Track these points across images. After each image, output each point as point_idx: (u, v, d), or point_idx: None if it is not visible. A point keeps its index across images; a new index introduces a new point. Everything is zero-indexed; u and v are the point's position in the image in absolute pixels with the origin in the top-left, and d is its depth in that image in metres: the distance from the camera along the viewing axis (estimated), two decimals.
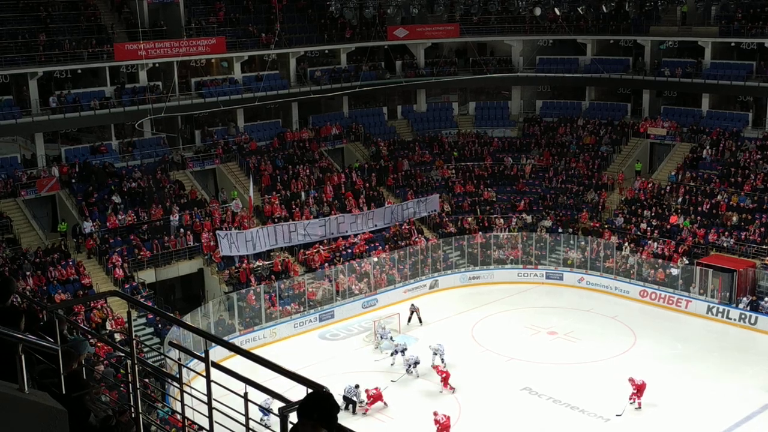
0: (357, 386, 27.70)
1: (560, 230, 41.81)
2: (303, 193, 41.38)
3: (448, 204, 43.79)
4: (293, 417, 4.56)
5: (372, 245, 39.90)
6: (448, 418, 25.43)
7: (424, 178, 45.13)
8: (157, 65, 42.24)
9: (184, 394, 5.96)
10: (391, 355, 31.55)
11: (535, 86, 52.01)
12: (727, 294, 35.56)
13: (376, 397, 27.60)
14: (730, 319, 34.94)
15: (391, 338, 32.93)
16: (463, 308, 37.22)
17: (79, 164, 38.51)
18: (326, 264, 37.97)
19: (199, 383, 5.55)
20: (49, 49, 39.19)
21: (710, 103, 46.22)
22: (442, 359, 30.62)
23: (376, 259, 38.90)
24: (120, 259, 34.44)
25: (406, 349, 31.28)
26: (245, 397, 5.38)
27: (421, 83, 49.82)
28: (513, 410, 27.68)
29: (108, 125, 41.40)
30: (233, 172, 42.12)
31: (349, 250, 39.13)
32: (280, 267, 37.01)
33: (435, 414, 25.48)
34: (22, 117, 37.77)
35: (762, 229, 37.58)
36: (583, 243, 40.44)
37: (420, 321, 35.61)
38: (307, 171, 43.06)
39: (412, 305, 35.85)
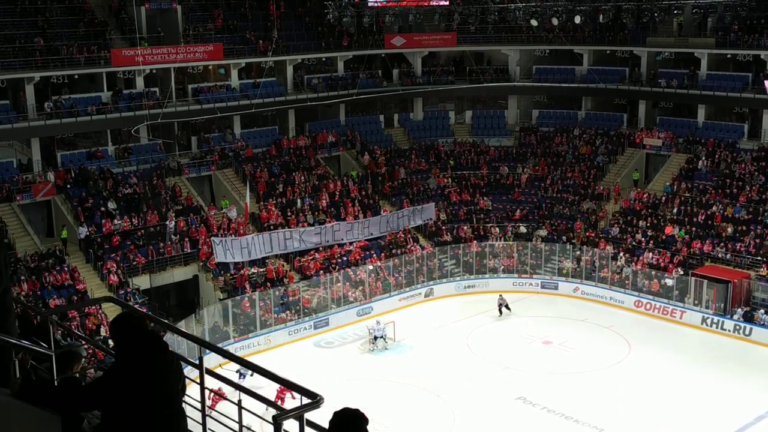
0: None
1: (555, 239, 41.84)
2: (299, 201, 41.37)
3: (444, 212, 43.79)
4: (287, 425, 4.55)
5: (367, 253, 39.87)
6: None
7: (420, 186, 45.15)
8: (154, 71, 42.25)
9: None
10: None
11: (532, 96, 52.11)
12: (722, 305, 35.58)
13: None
14: (725, 330, 34.96)
15: (384, 337, 33.66)
16: (458, 317, 37.20)
17: (74, 169, 38.48)
18: (321, 271, 37.93)
19: (193, 390, 5.54)
20: (46, 54, 39.18)
21: (706, 114, 46.33)
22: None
23: (371, 267, 38.87)
24: (115, 265, 34.38)
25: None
26: (239, 404, 5.37)
27: (418, 92, 49.92)
28: (507, 420, 27.62)
29: (104, 131, 41.38)
30: (229, 178, 42.09)
31: (345, 258, 39.11)
32: (274, 274, 36.98)
33: None
34: (19, 122, 37.73)
35: (757, 241, 37.65)
36: (578, 253, 40.47)
37: (509, 309, 37.06)
38: (303, 178, 43.06)
39: (501, 297, 37.12)
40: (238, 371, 24.76)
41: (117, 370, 4.36)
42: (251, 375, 24.69)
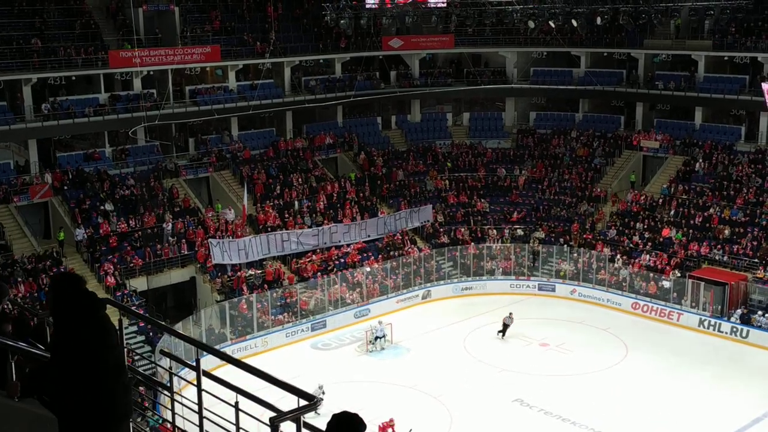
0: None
1: (552, 241, 41.84)
2: (296, 202, 41.35)
3: (441, 214, 43.79)
4: (284, 427, 4.54)
5: (365, 255, 39.85)
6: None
7: (417, 188, 45.14)
8: (151, 73, 42.22)
9: (175, 403, 5.93)
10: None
11: (529, 98, 52.13)
12: (719, 307, 35.62)
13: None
14: (722, 332, 34.98)
15: (383, 337, 33.76)
16: (456, 319, 37.17)
17: (71, 171, 38.44)
18: (319, 273, 37.90)
19: (190, 392, 5.53)
20: (43, 55, 39.15)
21: (703, 117, 46.38)
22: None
23: (368, 269, 38.84)
24: (112, 267, 34.33)
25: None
26: (236, 406, 5.36)
27: (415, 93, 49.90)
28: (504, 422, 27.64)
29: (102, 132, 41.34)
30: (227, 180, 42.07)
31: (342, 260, 39.08)
32: (273, 276, 36.94)
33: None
34: (16, 123, 37.69)
35: (754, 243, 37.69)
36: (575, 255, 40.48)
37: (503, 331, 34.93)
38: (301, 180, 43.05)
39: (510, 317, 34.85)
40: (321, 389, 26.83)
41: (61, 330, 4.35)
42: (323, 393, 26.43)
